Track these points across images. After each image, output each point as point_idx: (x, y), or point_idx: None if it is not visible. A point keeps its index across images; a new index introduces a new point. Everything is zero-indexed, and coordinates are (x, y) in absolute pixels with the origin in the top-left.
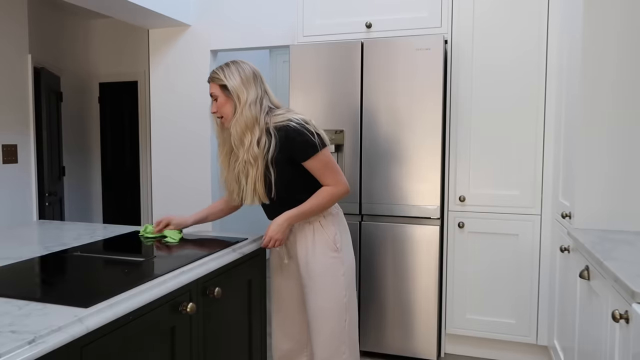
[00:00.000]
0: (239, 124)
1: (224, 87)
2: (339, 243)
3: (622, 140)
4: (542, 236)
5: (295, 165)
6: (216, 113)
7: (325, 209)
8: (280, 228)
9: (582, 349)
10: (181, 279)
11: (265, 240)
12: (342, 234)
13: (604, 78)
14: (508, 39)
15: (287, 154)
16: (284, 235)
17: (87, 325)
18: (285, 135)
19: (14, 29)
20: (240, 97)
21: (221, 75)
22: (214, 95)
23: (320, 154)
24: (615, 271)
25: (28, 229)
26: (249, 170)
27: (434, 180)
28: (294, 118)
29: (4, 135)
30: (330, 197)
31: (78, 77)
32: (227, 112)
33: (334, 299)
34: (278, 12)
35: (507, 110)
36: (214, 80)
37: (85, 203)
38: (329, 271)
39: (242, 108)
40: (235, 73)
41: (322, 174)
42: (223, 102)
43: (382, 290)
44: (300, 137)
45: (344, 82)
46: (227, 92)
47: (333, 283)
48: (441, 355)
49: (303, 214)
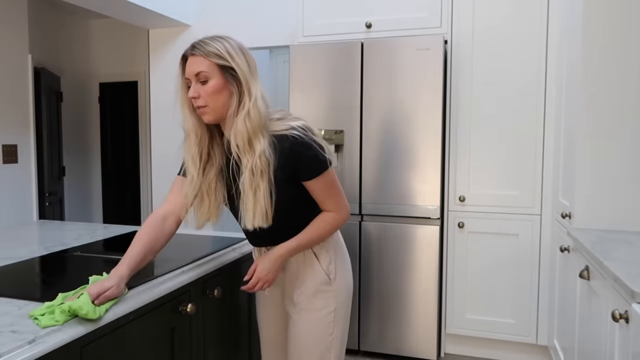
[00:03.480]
0: (250, 122)
1: (225, 69)
2: (332, 274)
3: (622, 140)
4: (542, 236)
5: (295, 184)
6: (198, 100)
7: (324, 239)
8: (272, 267)
9: (582, 348)
10: (181, 279)
11: (252, 282)
12: (338, 259)
13: (604, 78)
14: (508, 39)
15: (290, 171)
16: (276, 276)
17: (87, 325)
18: (289, 148)
19: (14, 29)
20: (252, 88)
21: (223, 52)
22: (202, 76)
23: (328, 173)
24: (615, 271)
25: (28, 229)
26: (260, 182)
27: (434, 180)
28: (296, 125)
29: (4, 135)
30: (331, 227)
31: (78, 77)
32: (220, 103)
33: (317, 336)
34: (278, 12)
35: (507, 110)
36: (210, 56)
37: (85, 203)
38: (317, 307)
39: (255, 101)
40: (241, 54)
41: (324, 196)
42: (219, 88)
43: (382, 290)
44: (308, 152)
45: (344, 82)
46: (229, 77)
47: (319, 320)
48: (441, 355)
49: (299, 247)
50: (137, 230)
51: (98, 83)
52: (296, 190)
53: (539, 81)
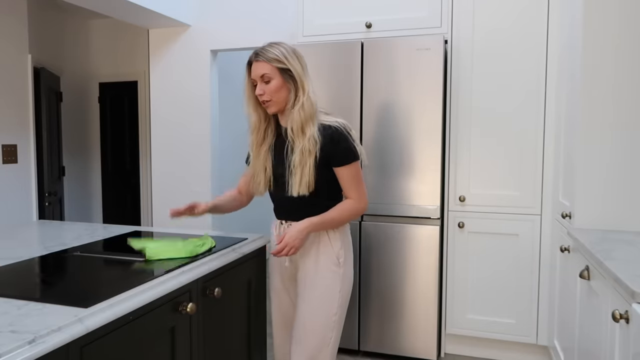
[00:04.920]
0: (304, 112)
1: (283, 71)
2: (342, 258)
3: (622, 140)
4: (542, 236)
5: (328, 168)
6: (264, 96)
7: (344, 223)
8: (300, 235)
9: (582, 348)
10: (181, 279)
11: (280, 246)
12: (346, 249)
13: (604, 79)
14: (508, 38)
15: (327, 155)
16: (302, 244)
17: (87, 325)
18: (330, 136)
19: (14, 29)
20: (305, 84)
21: (281, 57)
22: (266, 77)
23: (355, 164)
24: (615, 271)
25: (28, 229)
26: (307, 160)
27: (434, 180)
28: (339, 122)
29: (4, 135)
30: (352, 212)
31: (78, 77)
32: (282, 98)
33: (324, 314)
34: (278, 12)
35: (508, 109)
36: (271, 61)
37: (85, 203)
38: (327, 285)
39: (307, 96)
40: (295, 58)
41: (350, 184)
42: (279, 86)
43: (382, 290)
44: (345, 143)
45: (344, 82)
46: (287, 77)
47: (327, 298)
48: (441, 355)
49: (324, 223)
50: (137, 230)
51: (98, 83)
52: (327, 173)
53: (540, 80)
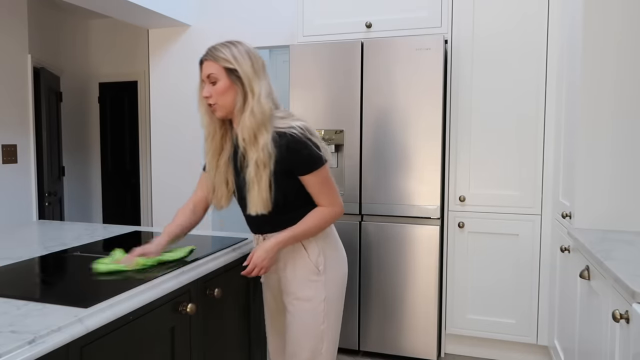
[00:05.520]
0: (255, 118)
1: (230, 71)
2: (321, 265)
3: (622, 140)
4: (542, 236)
5: (292, 177)
6: (210, 98)
7: (318, 232)
8: (268, 254)
9: (582, 349)
10: (181, 279)
11: (249, 268)
12: (328, 254)
13: (604, 79)
14: (508, 39)
15: (287, 165)
16: (271, 263)
17: (87, 325)
18: (286, 145)
19: (14, 29)
20: (254, 87)
21: (229, 56)
22: (212, 78)
23: (322, 170)
24: (615, 271)
25: (28, 229)
26: (262, 173)
27: (434, 180)
28: (296, 125)
29: (4, 135)
30: (325, 221)
31: (78, 77)
32: (228, 102)
33: (310, 326)
34: (278, 12)
35: (507, 109)
36: (218, 60)
37: (85, 203)
38: (308, 297)
39: (258, 99)
40: (246, 57)
41: (319, 192)
42: (225, 88)
43: (382, 290)
44: (304, 150)
45: (344, 82)
46: (234, 78)
47: (311, 310)
48: (441, 355)
49: (295, 237)
50: (137, 230)
51: (98, 83)
52: (294, 183)
53: (540, 80)
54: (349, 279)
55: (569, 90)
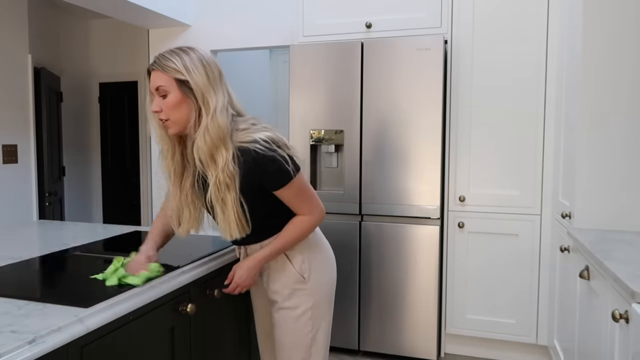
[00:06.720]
0: (210, 135)
1: (182, 83)
2: (306, 273)
3: (622, 140)
4: (542, 236)
5: (265, 192)
6: (160, 113)
7: (299, 242)
8: (249, 273)
9: (582, 348)
10: (181, 279)
11: (231, 287)
12: (313, 257)
13: (604, 79)
14: (508, 39)
15: (255, 182)
16: (253, 281)
17: (87, 325)
18: (253, 161)
19: (14, 29)
20: (209, 100)
21: (179, 65)
22: (162, 90)
23: (295, 181)
24: (615, 271)
25: (28, 229)
26: (226, 195)
27: (434, 180)
28: (259, 139)
29: (4, 135)
30: (305, 230)
31: (78, 77)
32: (181, 117)
33: (296, 336)
34: (278, 12)
35: (507, 110)
36: (167, 71)
37: (85, 203)
38: (293, 306)
39: (213, 114)
40: (200, 67)
41: (295, 203)
42: (177, 102)
43: (382, 290)
44: (271, 166)
45: (344, 82)
46: (186, 90)
47: (296, 318)
48: (441, 355)
49: (274, 253)
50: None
51: (98, 83)
52: (268, 197)
53: (539, 81)
54: (349, 279)
55: (568, 89)
